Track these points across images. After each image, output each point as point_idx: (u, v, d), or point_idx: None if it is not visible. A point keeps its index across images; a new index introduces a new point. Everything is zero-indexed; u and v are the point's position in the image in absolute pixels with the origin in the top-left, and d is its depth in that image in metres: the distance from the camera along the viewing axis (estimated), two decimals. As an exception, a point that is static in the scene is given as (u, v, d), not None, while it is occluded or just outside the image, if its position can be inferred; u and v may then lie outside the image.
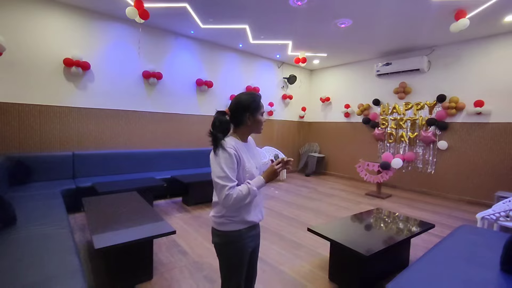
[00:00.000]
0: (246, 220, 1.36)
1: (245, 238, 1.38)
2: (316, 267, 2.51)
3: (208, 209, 4.09)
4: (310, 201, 4.79)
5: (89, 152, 4.26)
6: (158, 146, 5.07)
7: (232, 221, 1.34)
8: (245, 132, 1.41)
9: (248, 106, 1.36)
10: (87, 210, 2.58)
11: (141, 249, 2.18)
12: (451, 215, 4.22)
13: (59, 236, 2.05)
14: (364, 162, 5.35)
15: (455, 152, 5.17)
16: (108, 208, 2.65)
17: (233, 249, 1.37)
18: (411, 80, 5.74)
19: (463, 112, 5.04)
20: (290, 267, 2.50)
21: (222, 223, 1.35)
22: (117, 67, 4.52)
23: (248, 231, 1.39)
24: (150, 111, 4.94)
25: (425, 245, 3.01)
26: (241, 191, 1.26)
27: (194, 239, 3.02)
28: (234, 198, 1.24)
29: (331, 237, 2.21)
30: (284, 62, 7.12)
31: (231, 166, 1.27)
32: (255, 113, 1.38)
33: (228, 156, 1.27)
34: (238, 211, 1.34)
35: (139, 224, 2.28)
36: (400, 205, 4.69)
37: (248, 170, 1.34)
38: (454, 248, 2.07)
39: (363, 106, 6.56)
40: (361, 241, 2.17)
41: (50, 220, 2.35)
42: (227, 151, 1.27)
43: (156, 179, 4.11)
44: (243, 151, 1.35)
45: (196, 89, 5.53)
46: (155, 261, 2.48)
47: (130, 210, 2.62)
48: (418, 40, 5.10)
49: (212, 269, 2.42)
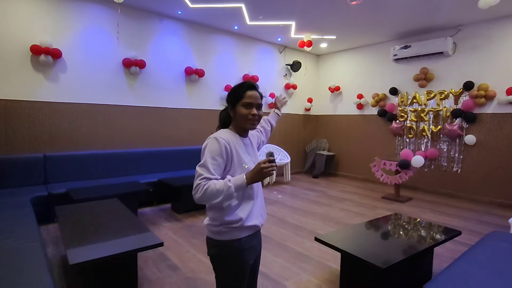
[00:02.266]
0: (247, 225, 1.33)
1: (246, 248, 1.35)
2: (325, 282, 2.52)
3: (202, 217, 4.10)
4: (318, 206, 4.80)
5: (63, 154, 4.25)
6: (142, 146, 5.07)
7: (230, 229, 1.31)
8: (236, 126, 1.41)
9: (228, 97, 1.41)
10: (60, 221, 2.58)
11: (123, 264, 2.18)
12: (480, 220, 4.23)
13: (29, 250, 2.05)
14: (380, 161, 5.36)
15: (485, 148, 5.17)
16: (85, 218, 2.65)
17: (232, 261, 1.35)
18: (433, 65, 5.73)
19: (494, 102, 5.04)
20: (295, 283, 2.51)
21: (219, 231, 1.32)
22: (93, 54, 4.51)
23: (248, 239, 1.36)
24: (133, 105, 4.93)
25: (451, 255, 3.02)
26: (215, 184, 1.21)
27: (186, 252, 3.03)
28: (204, 190, 1.21)
29: (342, 247, 2.21)
30: (287, 47, 7.10)
31: (216, 158, 1.27)
32: (235, 103, 1.37)
33: (217, 147, 1.27)
34: (229, 212, 1.30)
35: (121, 235, 2.28)
36: (422, 210, 4.70)
37: (247, 168, 1.33)
38: (484, 258, 2.07)
39: (378, 96, 6.55)
40: (376, 252, 2.18)
41: (18, 232, 2.35)
42: (218, 140, 1.29)
43: (140, 184, 4.11)
44: (239, 146, 1.36)
45: (185, 79, 5.52)
46: (140, 278, 2.49)
47: (110, 219, 2.62)
48: (441, 19, 5.08)
49: (207, 285, 2.43)
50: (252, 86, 1.39)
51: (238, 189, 1.23)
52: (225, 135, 1.33)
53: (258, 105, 1.38)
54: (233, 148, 1.31)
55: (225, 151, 1.28)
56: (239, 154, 1.33)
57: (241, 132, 1.42)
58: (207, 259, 2.76)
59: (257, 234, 1.45)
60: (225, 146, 1.28)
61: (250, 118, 1.35)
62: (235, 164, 1.31)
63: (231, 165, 1.31)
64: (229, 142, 1.31)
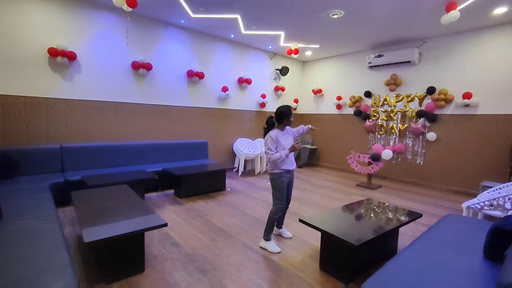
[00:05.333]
0: (283, 168, 2.66)
1: (284, 176, 2.67)
2: (308, 257, 2.56)
3: (201, 201, 4.10)
4: (303, 192, 4.85)
5: (78, 145, 4.17)
6: (148, 139, 5.01)
7: (278, 169, 2.65)
8: (282, 126, 2.72)
9: (283, 112, 2.68)
10: (76, 204, 2.55)
11: (132, 242, 2.17)
12: (438, 205, 4.34)
13: (48, 230, 2.01)
14: (355, 154, 5.42)
15: (443, 144, 5.28)
16: (98, 202, 2.62)
17: (277, 181, 2.67)
18: (402, 72, 5.79)
19: (452, 104, 5.13)
20: (282, 257, 2.54)
21: (273, 169, 2.67)
22: (105, 57, 4.40)
23: (284, 173, 2.67)
24: (140, 102, 4.85)
25: (413, 234, 3.09)
26: (275, 154, 2.57)
27: (187, 231, 3.03)
28: (272, 157, 2.58)
29: (322, 227, 2.25)
30: (277, 53, 7.06)
31: (272, 143, 2.60)
32: (289, 116, 2.68)
33: (270, 139, 2.61)
34: (278, 165, 2.63)
35: (130, 217, 2.26)
36: (390, 196, 4.79)
37: (282, 146, 2.63)
38: (440, 236, 2.13)
39: (354, 98, 6.59)
40: (351, 231, 2.22)
41: (38, 214, 2.30)
42: (271, 136, 2.62)
43: (147, 172, 4.08)
44: (280, 136, 2.65)
45: (187, 80, 5.45)
46: (147, 254, 2.48)
47: (120, 203, 2.60)
48: (410, 32, 5.12)
49: (205, 260, 2.43)
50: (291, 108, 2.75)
51: (286, 156, 2.60)
52: (273, 133, 2.65)
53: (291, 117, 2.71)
54: (278, 138, 2.63)
55: (275, 139, 2.61)
56: (279, 141, 2.63)
57: (282, 128, 2.72)
58: (205, 237, 2.87)
59: (289, 171, 2.73)
60: (275, 137, 2.61)
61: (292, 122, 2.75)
62: (281, 145, 2.63)
63: (278, 146, 2.62)
64: (276, 136, 2.63)
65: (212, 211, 3.73)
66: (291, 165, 2.72)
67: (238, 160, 6.10)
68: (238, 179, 5.70)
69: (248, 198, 4.37)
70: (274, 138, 2.59)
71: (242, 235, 3.00)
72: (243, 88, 6.45)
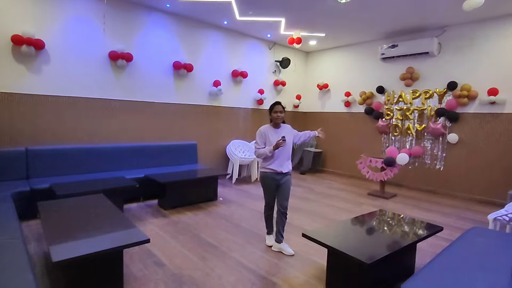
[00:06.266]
0: (269, 167, 2.96)
1: (269, 177, 2.97)
2: (312, 277, 2.55)
3: (189, 213, 4.08)
4: (306, 202, 4.84)
5: (46, 148, 4.13)
6: (129, 141, 4.99)
7: (262, 167, 3.01)
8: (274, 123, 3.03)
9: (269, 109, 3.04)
10: (43, 217, 2.51)
11: (108, 261, 2.14)
12: (460, 216, 4.37)
13: (9, 248, 1.98)
14: (367, 158, 5.44)
15: (466, 146, 5.33)
16: (69, 214, 2.59)
17: (263, 180, 3.02)
18: (419, 65, 5.84)
19: (476, 102, 5.19)
20: (283, 278, 2.53)
21: (261, 166, 3.03)
22: (78, 46, 4.38)
23: (271, 174, 2.96)
24: (119, 98, 4.83)
25: (433, 250, 3.10)
26: (260, 150, 2.92)
27: (172, 248, 3.00)
28: (256, 151, 2.96)
29: (328, 243, 2.24)
30: (276, 43, 7.08)
31: (260, 138, 2.97)
32: (270, 112, 3.00)
33: (259, 132, 2.99)
34: (264, 162, 2.98)
35: (106, 232, 2.24)
36: (406, 206, 4.81)
37: (271, 143, 2.91)
38: (464, 253, 2.14)
39: (365, 94, 6.63)
40: (362, 247, 2.22)
41: (-2, 229, 2.27)
42: (260, 130, 3.00)
43: (126, 179, 4.05)
44: (270, 132, 2.98)
45: (174, 73, 5.44)
46: (126, 275, 2.45)
47: (95, 215, 2.57)
48: (427, 19, 5.17)
49: (194, 281, 2.41)
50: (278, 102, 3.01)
51: (269, 152, 2.87)
52: (264, 128, 3.02)
53: (280, 111, 2.96)
54: (267, 133, 2.97)
55: (263, 134, 2.97)
56: (268, 137, 2.95)
57: (275, 126, 3.02)
58: (194, 255, 2.86)
59: (278, 174, 2.97)
60: (263, 132, 2.98)
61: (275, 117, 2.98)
62: (269, 142, 2.93)
63: (267, 141, 2.96)
64: (266, 131, 2.98)
65: (201, 224, 3.70)
66: (280, 166, 2.95)
67: (232, 165, 6.08)
68: (231, 187, 5.68)
69: (243, 209, 4.35)
70: (262, 133, 2.96)
71: (236, 252, 2.98)
72: (237, 82, 6.45)
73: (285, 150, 2.99)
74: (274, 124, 3.00)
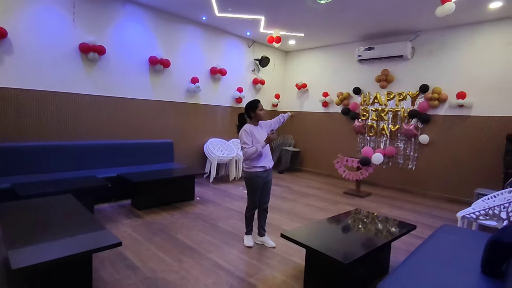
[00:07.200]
0: (260, 165, 2.95)
1: (259, 176, 2.97)
2: (290, 277, 2.54)
3: (164, 213, 3.99)
4: (284, 201, 4.86)
5: (9, 145, 3.87)
6: (100, 138, 4.78)
7: (252, 167, 2.95)
8: (255, 121, 3.05)
9: (250, 107, 3.04)
10: (2, 219, 2.33)
11: (76, 266, 2.03)
12: (431, 214, 4.56)
13: (-38, 254, 1.81)
14: (343, 158, 5.55)
15: (436, 147, 5.57)
16: (33, 216, 2.43)
17: (251, 181, 2.99)
18: (394, 67, 6.03)
19: (446, 104, 5.43)
20: (260, 279, 2.51)
21: (249, 168, 2.95)
22: (45, 36, 4.11)
23: (260, 173, 2.97)
24: (90, 93, 4.61)
25: (406, 248, 3.20)
26: (251, 148, 2.86)
27: (146, 250, 2.91)
28: (248, 151, 2.86)
29: (306, 243, 2.25)
30: (256, 41, 7.06)
31: (247, 137, 2.90)
32: (255, 109, 3.01)
33: (245, 132, 2.91)
34: (253, 161, 2.92)
35: (74, 235, 2.11)
36: (380, 204, 4.95)
37: (257, 140, 2.92)
38: (435, 250, 2.21)
39: (342, 95, 6.76)
40: (339, 247, 2.24)
41: (-50, 233, 2.07)
42: (245, 129, 2.93)
43: (98, 178, 3.91)
44: (255, 130, 2.97)
45: (149, 68, 5.27)
46: (95, 280, 2.33)
47: (62, 217, 2.43)
48: (403, 23, 5.34)
49: (169, 285, 2.33)
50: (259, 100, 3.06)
51: (262, 147, 2.89)
52: (247, 126, 2.96)
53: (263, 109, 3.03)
54: (252, 131, 2.94)
55: (249, 132, 2.92)
56: (254, 134, 2.94)
57: (255, 123, 3.05)
58: (169, 257, 2.77)
59: (267, 170, 3.02)
60: (249, 131, 2.92)
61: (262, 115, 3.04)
62: (256, 139, 2.93)
63: (253, 139, 2.92)
64: (250, 129, 2.95)
65: (177, 225, 3.63)
66: (269, 162, 3.04)
67: (209, 164, 6.00)
68: (209, 186, 5.61)
69: (220, 209, 4.30)
70: (248, 131, 2.92)
71: (214, 253, 2.93)
72: (216, 80, 6.36)
73: (268, 145, 3.07)
74: (255, 121, 3.05)
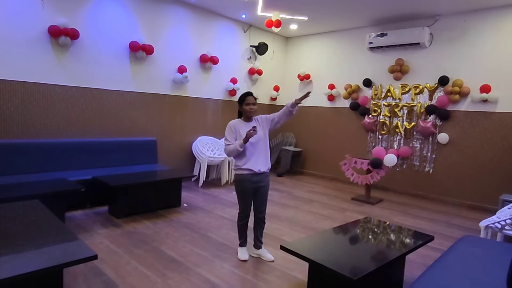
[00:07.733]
0: (244, 167, 2.91)
1: (246, 180, 2.92)
2: (290, 296, 2.54)
3: (146, 222, 3.99)
4: (283, 208, 4.86)
5: (-35, 142, 3.83)
6: (73, 135, 4.77)
7: (237, 168, 2.96)
8: (246, 116, 3.03)
9: (240, 101, 3.01)
10: (-41, 229, 2.30)
11: (44, 283, 2.00)
12: (450, 223, 4.59)
13: None
14: (351, 159, 5.56)
15: (457, 147, 5.60)
16: (-6, 225, 2.40)
17: (239, 185, 2.99)
18: (409, 56, 6.05)
19: (468, 99, 5.46)
20: (256, 297, 2.50)
21: (235, 169, 3.00)
22: (8, 18, 4.07)
23: (248, 175, 2.92)
24: (61, 84, 4.59)
25: (422, 262, 3.22)
26: (230, 146, 2.88)
27: (126, 264, 2.90)
28: (225, 149, 2.95)
29: (309, 256, 2.24)
30: (252, 25, 7.05)
31: (230, 133, 2.96)
32: (242, 104, 2.97)
33: (228, 127, 2.99)
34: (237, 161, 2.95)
35: (42, 246, 2.10)
36: (393, 212, 4.98)
37: (242, 137, 2.83)
38: (456, 264, 2.22)
39: (351, 88, 6.78)
40: (347, 261, 2.24)
41: None
42: (229, 125, 3.00)
43: (69, 181, 3.89)
44: (241, 126, 2.95)
45: (130, 55, 5.25)
46: (66, 298, 2.31)
47: (27, 226, 2.41)
48: (420, 6, 5.36)
49: (150, 305, 2.32)
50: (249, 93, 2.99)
51: (240, 146, 2.83)
52: (233, 122, 3.01)
53: (253, 103, 2.95)
54: (237, 127, 2.96)
55: (233, 129, 2.95)
56: (239, 131, 2.93)
57: (247, 119, 3.03)
58: (152, 272, 2.76)
59: (256, 174, 2.93)
60: (233, 127, 2.97)
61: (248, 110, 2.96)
62: (240, 136, 2.88)
63: (238, 137, 2.92)
64: (235, 125, 2.98)
65: (161, 235, 3.62)
66: (256, 165, 2.91)
67: (199, 165, 6.00)
68: (198, 191, 5.61)
69: (211, 217, 4.30)
70: (232, 128, 2.94)
71: (203, 267, 2.93)
72: (206, 69, 6.35)
73: (261, 144, 2.97)
74: (246, 117, 3.01)
